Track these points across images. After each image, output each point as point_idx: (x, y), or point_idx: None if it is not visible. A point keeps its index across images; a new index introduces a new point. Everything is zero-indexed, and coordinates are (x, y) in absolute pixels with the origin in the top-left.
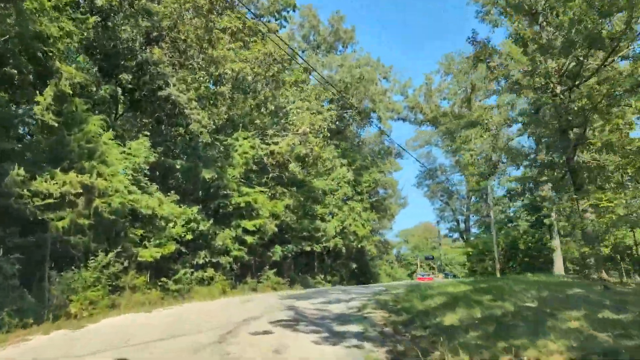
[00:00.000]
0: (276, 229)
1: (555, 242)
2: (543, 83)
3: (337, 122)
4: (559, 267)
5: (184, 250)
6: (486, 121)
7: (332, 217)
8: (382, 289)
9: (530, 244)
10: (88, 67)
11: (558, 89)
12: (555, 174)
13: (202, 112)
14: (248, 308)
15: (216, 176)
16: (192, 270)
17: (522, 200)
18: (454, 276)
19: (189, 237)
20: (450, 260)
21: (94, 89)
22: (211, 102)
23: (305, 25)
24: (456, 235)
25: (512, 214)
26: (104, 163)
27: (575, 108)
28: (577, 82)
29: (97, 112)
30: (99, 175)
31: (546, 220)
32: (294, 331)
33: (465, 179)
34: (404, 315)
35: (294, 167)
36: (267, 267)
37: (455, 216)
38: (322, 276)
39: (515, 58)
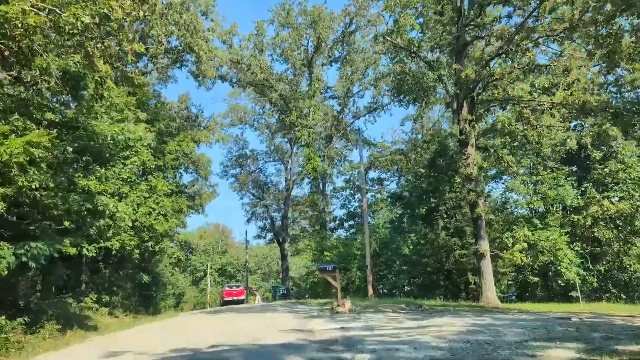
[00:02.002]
0: (3, 206)
1: (484, 244)
2: None
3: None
4: (489, 284)
5: None
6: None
7: (121, 199)
8: None
9: (417, 246)
10: None
11: None
12: None
13: None
14: None
15: None
16: None
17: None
18: (287, 293)
19: None
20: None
21: None
22: None
23: None
24: (270, 236)
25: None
26: None
27: None
28: None
29: None
30: None
31: (478, 210)
32: None
33: (305, 161)
34: None
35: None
36: None
37: (269, 213)
38: (95, 296)
39: None
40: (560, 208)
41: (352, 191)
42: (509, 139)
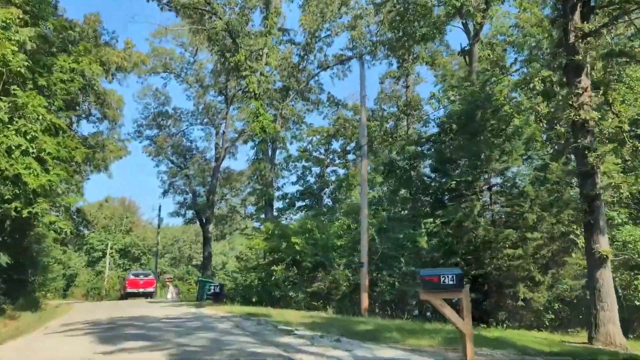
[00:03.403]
0: None
1: (604, 242)
2: None
3: None
4: (612, 311)
5: None
6: None
7: None
8: None
9: (436, 238)
10: None
11: None
12: None
13: None
14: None
15: None
16: None
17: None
18: (220, 292)
19: None
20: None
21: None
22: None
23: None
24: (190, 213)
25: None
26: None
27: None
28: None
29: None
30: None
31: (603, 183)
32: None
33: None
34: None
35: None
36: None
37: (191, 186)
38: None
39: None
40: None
41: (309, 163)
42: None
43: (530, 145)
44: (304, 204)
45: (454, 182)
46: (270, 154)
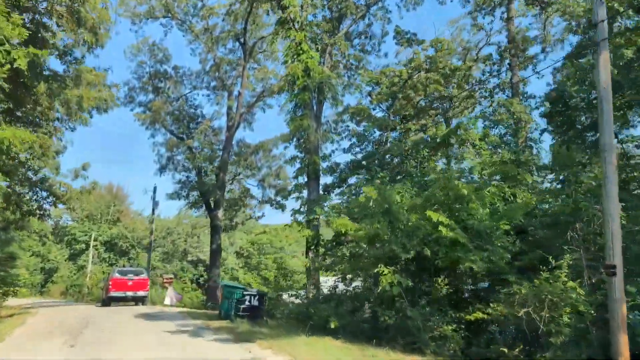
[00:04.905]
0: None
1: None
2: None
3: None
4: None
5: None
6: None
7: None
8: None
9: None
10: None
11: None
12: None
13: None
14: None
15: None
16: None
17: None
18: (259, 305)
19: None
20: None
21: None
22: None
23: None
24: (193, 195)
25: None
26: None
27: None
28: None
29: None
30: None
31: None
32: None
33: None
34: None
35: None
36: None
37: (196, 161)
38: None
39: None
40: None
41: (368, 124)
42: None
43: None
44: (354, 181)
45: None
46: (315, 109)
